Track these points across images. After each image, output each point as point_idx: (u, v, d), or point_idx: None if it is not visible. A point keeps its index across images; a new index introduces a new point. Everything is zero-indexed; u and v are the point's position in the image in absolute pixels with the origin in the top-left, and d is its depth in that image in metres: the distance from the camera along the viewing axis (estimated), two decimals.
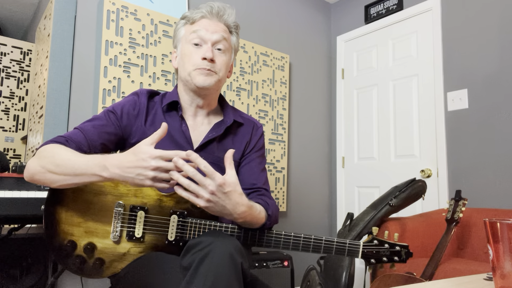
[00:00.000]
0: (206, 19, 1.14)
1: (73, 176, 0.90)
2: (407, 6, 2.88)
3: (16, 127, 3.05)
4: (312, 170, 3.19)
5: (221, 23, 1.15)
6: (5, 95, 3.01)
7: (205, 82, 1.10)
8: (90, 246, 0.97)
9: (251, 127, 1.23)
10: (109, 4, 2.12)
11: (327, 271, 1.93)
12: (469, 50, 2.46)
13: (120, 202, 0.98)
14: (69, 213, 0.98)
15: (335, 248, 1.02)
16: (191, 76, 1.11)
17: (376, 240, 1.06)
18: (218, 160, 1.14)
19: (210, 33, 1.12)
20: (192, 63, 1.11)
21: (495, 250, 0.66)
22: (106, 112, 1.11)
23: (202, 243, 0.81)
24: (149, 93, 1.16)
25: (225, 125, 1.16)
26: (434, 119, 2.62)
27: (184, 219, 0.99)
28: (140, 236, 0.98)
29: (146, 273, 0.92)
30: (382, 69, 3.02)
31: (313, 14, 3.36)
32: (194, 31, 1.12)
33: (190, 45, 1.12)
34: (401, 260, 1.05)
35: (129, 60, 2.17)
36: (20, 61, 3.07)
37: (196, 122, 1.17)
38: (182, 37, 1.15)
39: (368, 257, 1.04)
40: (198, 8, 1.15)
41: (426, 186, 2.04)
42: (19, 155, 3.01)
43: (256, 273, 2.17)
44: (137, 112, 1.12)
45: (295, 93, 3.14)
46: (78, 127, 1.06)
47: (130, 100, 1.14)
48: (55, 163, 0.91)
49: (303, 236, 1.01)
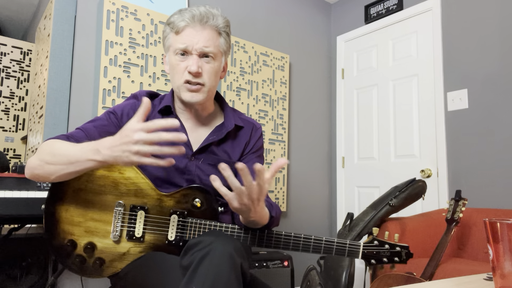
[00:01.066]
0: (189, 28, 1.08)
1: (68, 165, 0.90)
2: (407, 6, 2.88)
3: (16, 127, 3.05)
4: (312, 170, 3.19)
5: (206, 29, 1.09)
6: (5, 95, 3.01)
7: (192, 99, 1.09)
8: (90, 246, 0.97)
9: (250, 128, 1.23)
10: (109, 4, 2.12)
11: (327, 271, 1.93)
12: (469, 50, 2.46)
13: (121, 202, 0.98)
14: (69, 212, 0.98)
15: (335, 248, 1.02)
16: (179, 89, 1.10)
17: (376, 240, 1.06)
18: (218, 161, 1.14)
19: (195, 44, 1.08)
20: (179, 76, 1.09)
21: (495, 250, 0.66)
22: (107, 113, 1.11)
23: (202, 243, 0.81)
24: (148, 95, 1.16)
25: (227, 130, 1.15)
26: (434, 119, 2.62)
27: (184, 219, 0.99)
28: (140, 235, 0.98)
29: (146, 273, 0.92)
30: (382, 69, 3.02)
31: (313, 14, 3.36)
32: (178, 41, 1.08)
33: (177, 56, 1.09)
34: (402, 260, 1.05)
35: (129, 60, 2.17)
36: (20, 61, 3.07)
37: (194, 124, 1.17)
38: (169, 46, 1.12)
39: (369, 258, 1.04)
40: (182, 14, 1.10)
41: (426, 186, 2.04)
42: (19, 155, 3.01)
43: (256, 273, 2.17)
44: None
45: (295, 93, 3.14)
46: (79, 127, 1.07)
47: (130, 103, 1.14)
48: (51, 153, 0.93)
49: (303, 237, 1.01)
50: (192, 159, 1.12)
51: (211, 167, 1.13)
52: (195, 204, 1.00)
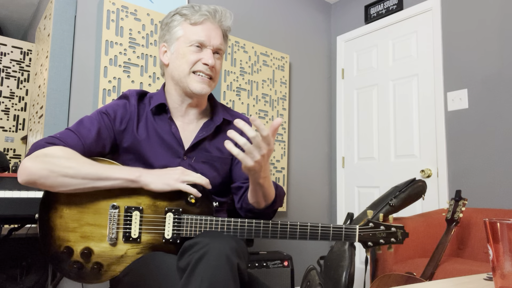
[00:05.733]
0: (209, 22, 1.11)
1: (96, 180, 0.95)
2: (407, 6, 2.88)
3: (16, 127, 3.05)
4: (312, 170, 3.19)
5: (220, 28, 1.14)
6: (5, 95, 3.01)
7: (203, 90, 1.10)
8: (87, 251, 0.96)
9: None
10: (109, 4, 2.12)
11: (327, 271, 1.93)
12: (469, 50, 2.46)
13: (115, 204, 0.97)
14: (63, 219, 0.97)
15: (331, 233, 1.02)
16: (187, 79, 1.10)
17: (371, 223, 1.06)
18: (211, 158, 1.15)
19: (213, 38, 1.10)
20: (187, 66, 1.09)
21: (495, 250, 0.66)
22: (99, 113, 1.09)
23: (198, 245, 0.81)
24: (138, 95, 1.14)
25: (215, 124, 1.16)
26: (434, 119, 2.62)
27: (180, 216, 0.99)
28: (137, 236, 0.97)
29: (144, 275, 0.92)
30: (382, 69, 3.02)
31: (313, 14, 3.36)
32: (196, 33, 1.09)
33: (191, 47, 1.09)
34: (398, 241, 1.05)
35: (129, 60, 2.17)
36: (20, 61, 3.07)
37: (185, 122, 1.16)
38: (180, 37, 1.11)
39: (365, 241, 1.05)
40: (197, 8, 1.12)
41: (426, 186, 2.04)
42: (19, 155, 3.02)
43: (256, 273, 2.17)
44: (129, 116, 1.10)
45: (295, 93, 3.14)
46: (73, 129, 1.03)
47: (121, 104, 1.12)
48: (70, 167, 0.93)
49: (300, 224, 1.01)
50: (185, 158, 1.12)
51: (204, 164, 1.13)
52: (189, 200, 1.00)
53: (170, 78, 1.14)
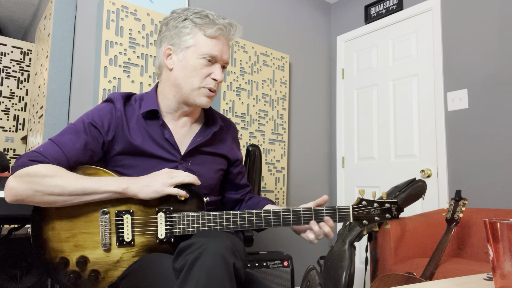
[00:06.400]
0: (223, 38, 1.09)
1: (82, 196, 0.94)
2: (407, 6, 2.88)
3: (16, 127, 3.05)
4: (312, 170, 3.19)
5: (229, 42, 1.12)
6: (5, 95, 3.01)
7: (208, 104, 1.11)
8: (82, 259, 0.95)
9: (229, 126, 1.27)
10: (109, 4, 2.12)
11: (327, 271, 1.93)
12: (469, 50, 2.46)
13: (105, 210, 0.97)
14: (55, 230, 0.96)
15: (325, 216, 1.04)
16: (194, 92, 1.08)
17: (364, 201, 1.05)
18: (206, 160, 1.16)
19: (224, 53, 1.09)
20: (198, 80, 1.07)
21: (495, 250, 0.66)
22: (86, 126, 1.04)
23: (194, 245, 0.81)
24: (123, 98, 1.10)
25: (212, 130, 1.17)
26: (434, 119, 2.62)
27: (171, 215, 0.99)
28: (130, 239, 0.97)
29: (141, 277, 0.92)
30: (382, 69, 3.02)
31: (313, 14, 3.36)
32: (210, 47, 1.06)
33: (203, 59, 1.06)
34: (393, 216, 1.05)
35: (129, 60, 2.17)
36: (20, 61, 3.07)
37: (178, 126, 1.15)
38: (192, 46, 1.07)
39: (360, 219, 1.04)
40: (212, 18, 1.07)
41: (426, 186, 2.04)
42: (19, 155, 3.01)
43: (256, 273, 2.16)
44: (116, 122, 1.06)
45: (295, 93, 3.14)
46: (56, 142, 1.00)
47: (107, 109, 1.07)
48: (56, 185, 0.92)
49: (292, 209, 1.02)
50: (181, 162, 1.11)
51: (200, 166, 1.14)
52: (179, 198, 1.00)
53: (172, 83, 1.10)
